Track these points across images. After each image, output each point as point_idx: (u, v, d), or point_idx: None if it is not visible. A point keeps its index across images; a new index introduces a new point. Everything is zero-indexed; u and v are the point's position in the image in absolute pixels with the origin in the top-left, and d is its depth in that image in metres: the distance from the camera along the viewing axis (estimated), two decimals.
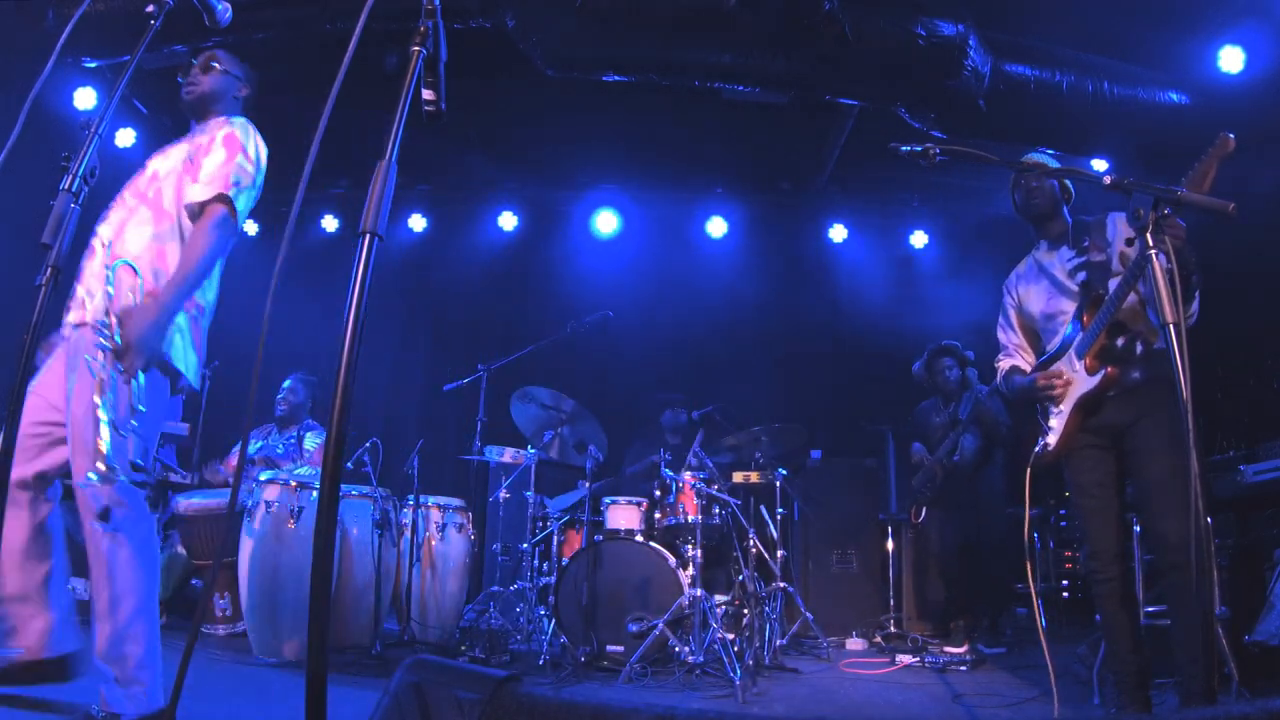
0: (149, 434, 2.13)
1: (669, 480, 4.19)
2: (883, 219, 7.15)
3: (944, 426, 4.96)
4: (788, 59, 4.51)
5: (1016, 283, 2.94)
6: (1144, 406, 2.50)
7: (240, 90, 2.54)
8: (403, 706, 1.31)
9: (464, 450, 4.84)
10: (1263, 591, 3.07)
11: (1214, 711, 1.23)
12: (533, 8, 4.37)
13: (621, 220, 7.05)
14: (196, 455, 4.92)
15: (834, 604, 5.13)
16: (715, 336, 7.04)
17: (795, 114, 5.67)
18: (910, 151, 2.13)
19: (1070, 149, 5.06)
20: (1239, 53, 4.53)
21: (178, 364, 2.20)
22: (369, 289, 1.26)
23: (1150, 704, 2.54)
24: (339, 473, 1.25)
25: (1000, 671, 3.98)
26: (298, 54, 5.42)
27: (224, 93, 2.47)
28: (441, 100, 1.55)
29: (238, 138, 2.32)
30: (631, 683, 3.42)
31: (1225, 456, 3.64)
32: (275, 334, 1.40)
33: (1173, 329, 1.74)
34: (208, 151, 2.29)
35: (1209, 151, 2.07)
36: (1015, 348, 2.95)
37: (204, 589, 4.24)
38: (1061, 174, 2.71)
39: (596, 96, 5.45)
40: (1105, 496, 2.60)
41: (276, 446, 4.72)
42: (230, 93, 2.51)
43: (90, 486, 1.93)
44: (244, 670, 3.24)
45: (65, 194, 1.64)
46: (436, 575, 4.21)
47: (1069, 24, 4.81)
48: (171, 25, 1.86)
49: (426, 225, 7.28)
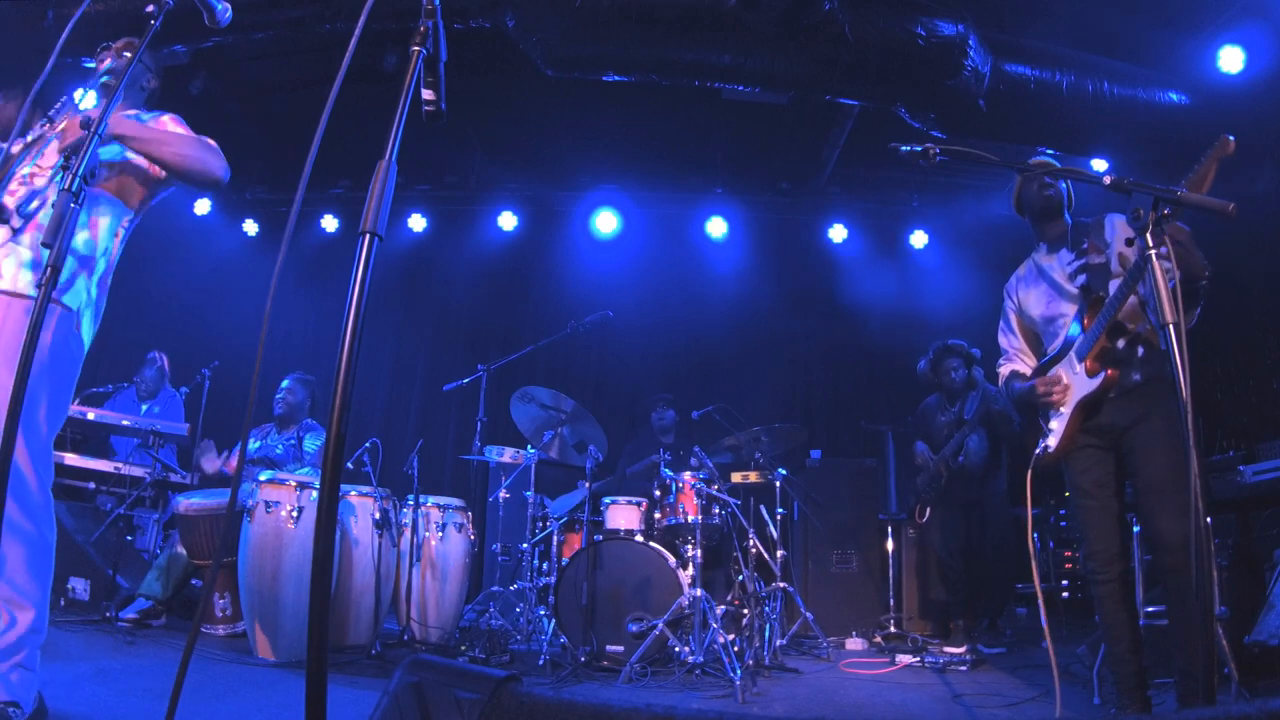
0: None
1: (669, 480, 4.19)
2: (883, 219, 7.16)
3: (949, 426, 4.95)
4: (788, 59, 4.52)
5: (1017, 286, 2.94)
6: (1144, 407, 2.50)
7: (149, 81, 2.51)
8: (402, 706, 1.31)
9: (464, 450, 4.85)
10: (1262, 591, 3.07)
11: (1214, 711, 1.23)
12: (533, 8, 4.37)
13: (621, 220, 7.05)
14: (196, 456, 4.92)
15: (834, 604, 5.13)
16: (715, 336, 7.04)
17: (795, 114, 5.67)
18: (910, 151, 2.13)
19: (1070, 149, 5.06)
20: (1239, 53, 4.53)
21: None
22: (369, 289, 1.26)
23: (1150, 704, 2.54)
24: (339, 473, 1.24)
25: (1000, 671, 3.98)
26: (298, 54, 5.44)
27: (132, 81, 2.43)
28: (441, 100, 1.55)
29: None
30: (631, 683, 3.42)
31: (1225, 456, 3.63)
32: (275, 334, 1.40)
33: (1172, 329, 1.74)
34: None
35: (1209, 152, 2.06)
36: (1016, 352, 2.95)
37: (204, 589, 4.24)
38: (1064, 174, 2.71)
39: (596, 96, 5.46)
40: (1104, 497, 2.60)
41: (276, 447, 4.72)
42: (138, 82, 2.47)
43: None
44: (244, 670, 3.24)
45: (65, 194, 1.63)
46: (436, 575, 4.22)
47: (1069, 24, 4.82)
48: (171, 25, 1.86)
49: (426, 225, 7.29)
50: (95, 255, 2.24)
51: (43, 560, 2.04)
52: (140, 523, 4.70)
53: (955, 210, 6.87)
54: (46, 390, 2.07)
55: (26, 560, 1.99)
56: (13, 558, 1.97)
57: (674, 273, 7.20)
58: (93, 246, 2.23)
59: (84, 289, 2.20)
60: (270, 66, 5.67)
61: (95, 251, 2.24)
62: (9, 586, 1.97)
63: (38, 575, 2.02)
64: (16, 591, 1.97)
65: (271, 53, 5.38)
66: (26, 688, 1.98)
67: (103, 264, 2.27)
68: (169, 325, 6.25)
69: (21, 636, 1.96)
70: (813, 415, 7.10)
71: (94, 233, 2.24)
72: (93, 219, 2.23)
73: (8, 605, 1.96)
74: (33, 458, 2.01)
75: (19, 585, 1.98)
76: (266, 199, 7.30)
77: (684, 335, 7.12)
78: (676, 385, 6.06)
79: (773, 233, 7.25)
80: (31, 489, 2.01)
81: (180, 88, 5.23)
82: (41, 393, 2.05)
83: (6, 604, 1.96)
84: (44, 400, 2.07)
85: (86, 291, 2.21)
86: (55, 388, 2.12)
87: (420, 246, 7.37)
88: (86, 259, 2.21)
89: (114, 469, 4.59)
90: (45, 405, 2.08)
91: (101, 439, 4.83)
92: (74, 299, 2.17)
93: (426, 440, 4.84)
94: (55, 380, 2.12)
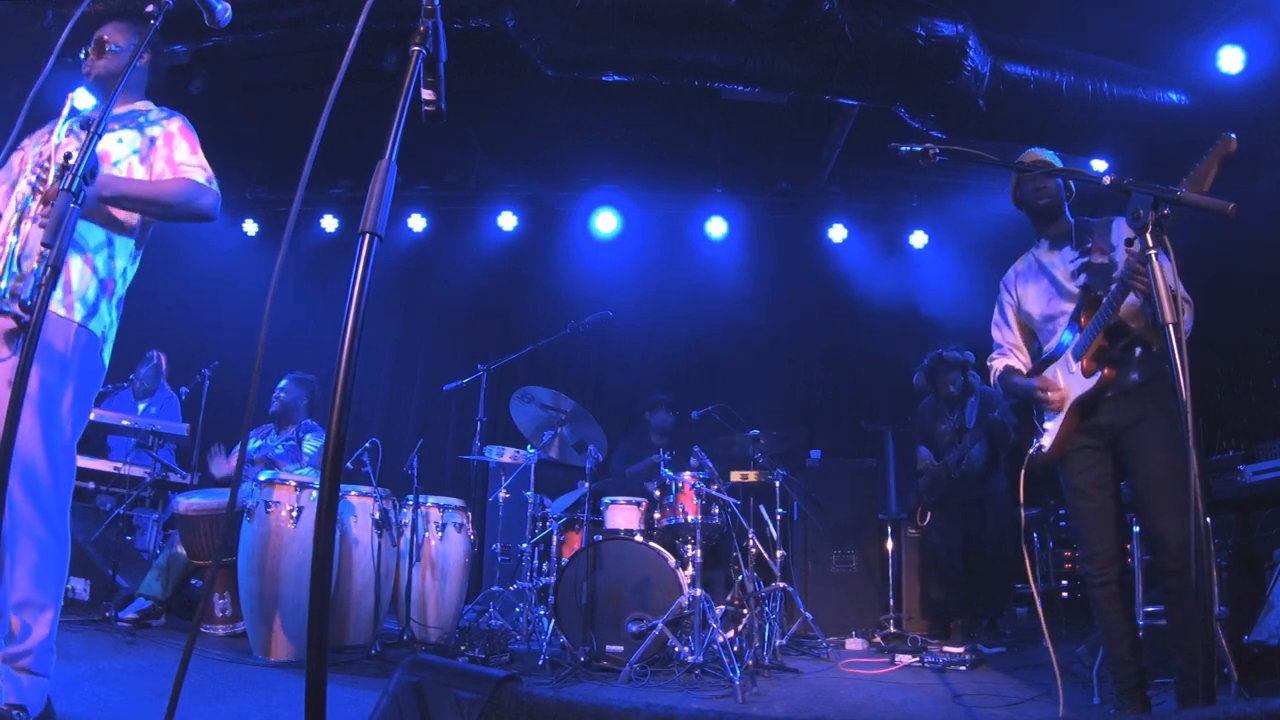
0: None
1: (668, 480, 4.19)
2: (883, 219, 7.16)
3: (951, 434, 4.94)
4: (788, 59, 4.52)
5: (1016, 280, 2.91)
6: (1144, 407, 2.50)
7: (141, 59, 2.51)
8: (402, 706, 1.31)
9: (464, 450, 4.84)
10: (1262, 591, 3.07)
11: (1214, 711, 1.23)
12: (533, 8, 4.37)
13: (621, 220, 7.05)
14: (196, 455, 4.92)
15: (833, 604, 5.13)
16: (715, 336, 7.04)
17: (795, 114, 5.67)
18: (910, 151, 2.13)
19: (1070, 149, 5.04)
20: (1239, 53, 4.53)
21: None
22: (369, 289, 1.26)
23: (1149, 704, 2.54)
24: (339, 473, 1.24)
25: (1000, 671, 3.98)
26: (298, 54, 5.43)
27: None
28: (441, 100, 1.55)
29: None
30: (631, 683, 3.42)
31: (1225, 456, 3.63)
32: (275, 334, 1.40)
33: (1171, 329, 1.74)
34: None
35: (1210, 151, 2.06)
36: (1010, 347, 2.92)
37: (204, 589, 4.24)
38: (1062, 174, 2.71)
39: (596, 96, 5.46)
40: (1102, 498, 2.60)
41: (275, 447, 4.72)
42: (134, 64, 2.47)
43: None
44: (244, 670, 3.24)
45: (65, 194, 1.63)
46: (436, 575, 4.21)
47: (1069, 24, 4.81)
48: (171, 25, 1.86)
49: (426, 225, 7.29)
50: (115, 276, 2.24)
51: (55, 565, 2.04)
52: (140, 523, 4.70)
53: (955, 210, 6.87)
54: (71, 400, 2.08)
55: (38, 565, 1.98)
56: (25, 562, 1.96)
57: (674, 273, 7.19)
58: (112, 269, 2.23)
59: (106, 313, 2.22)
60: (270, 66, 5.67)
61: (115, 273, 2.24)
62: (19, 591, 1.96)
63: (49, 580, 2.01)
64: (26, 596, 1.96)
65: (271, 53, 5.37)
66: (36, 692, 1.97)
67: (121, 286, 2.28)
68: (169, 325, 6.25)
69: (30, 642, 1.95)
70: (813, 415, 7.10)
71: (113, 252, 2.24)
72: (111, 239, 2.23)
73: (19, 611, 1.95)
74: (50, 461, 2.00)
75: (29, 590, 1.97)
76: (266, 199, 7.30)
77: (684, 335, 7.12)
78: (676, 385, 6.06)
79: (773, 233, 7.25)
80: (48, 492, 2.00)
81: (180, 88, 5.22)
82: (65, 400, 2.06)
83: (17, 609, 1.95)
84: (68, 409, 2.07)
85: (108, 315, 2.23)
86: (78, 402, 2.12)
87: (420, 246, 7.38)
88: (106, 282, 2.21)
89: (114, 469, 4.59)
90: (70, 414, 2.08)
91: (99, 439, 4.83)
92: (99, 324, 2.18)
93: (426, 440, 4.84)
94: (79, 395, 2.12)
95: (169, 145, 2.32)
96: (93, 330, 2.16)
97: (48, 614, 1.99)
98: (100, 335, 2.19)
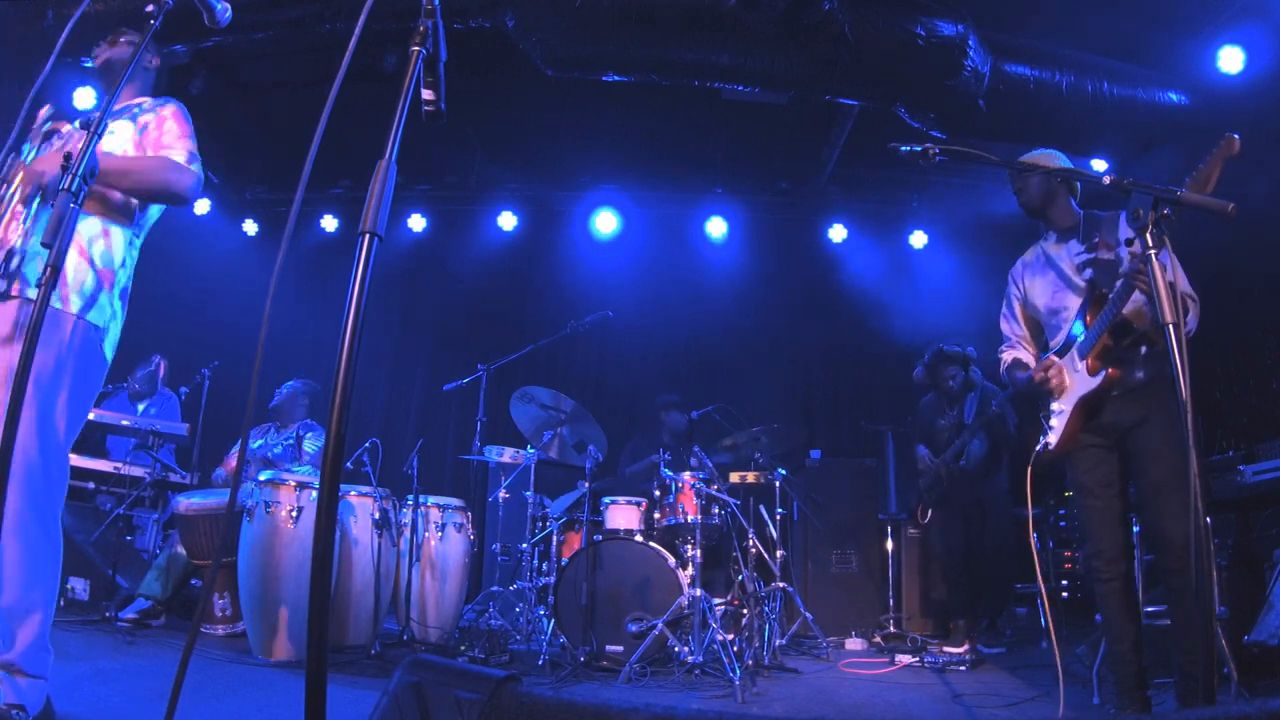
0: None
1: (668, 480, 4.19)
2: (883, 219, 7.15)
3: (950, 429, 4.95)
4: (788, 59, 4.52)
5: (1023, 272, 2.91)
6: (1148, 407, 2.49)
7: (150, 60, 2.50)
8: (402, 706, 1.31)
9: (464, 450, 4.84)
10: (1262, 591, 3.07)
11: (1214, 711, 1.23)
12: (533, 8, 4.37)
13: (621, 220, 7.04)
14: (196, 455, 4.92)
15: (833, 604, 5.13)
16: (715, 336, 7.04)
17: (795, 114, 5.67)
18: (910, 151, 2.13)
19: (1070, 149, 5.03)
20: (1239, 53, 4.53)
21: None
22: (369, 289, 1.26)
23: (1150, 704, 2.54)
24: (339, 473, 1.24)
25: (1000, 671, 3.98)
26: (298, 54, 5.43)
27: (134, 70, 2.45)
28: (441, 100, 1.55)
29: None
30: (631, 683, 3.42)
31: (1225, 456, 3.63)
32: (275, 334, 1.40)
33: (1171, 329, 1.74)
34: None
35: (1213, 152, 2.06)
36: (1019, 339, 2.92)
37: (204, 589, 4.24)
38: (1060, 174, 2.71)
39: (596, 96, 5.45)
40: (1108, 497, 2.60)
41: (275, 446, 4.72)
42: (140, 63, 2.45)
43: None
44: (244, 670, 3.24)
45: (65, 194, 1.63)
46: (436, 575, 4.21)
47: (1069, 24, 4.81)
48: (171, 25, 1.86)
49: (426, 225, 7.29)
50: (115, 267, 2.21)
51: (48, 564, 2.02)
52: (140, 523, 4.70)
53: (955, 210, 6.87)
54: (67, 395, 2.05)
55: (29, 563, 1.96)
56: (14, 560, 1.94)
57: (674, 273, 7.19)
58: (110, 259, 2.20)
59: (107, 304, 2.18)
60: (270, 66, 5.67)
61: (114, 264, 2.21)
62: (11, 590, 1.94)
63: (41, 579, 2.00)
64: (16, 596, 1.95)
65: (271, 53, 5.37)
66: (35, 692, 1.97)
67: (123, 276, 2.25)
68: (168, 325, 6.24)
69: (18, 646, 1.94)
70: (813, 415, 7.10)
71: (109, 242, 2.21)
72: (106, 228, 2.20)
73: (8, 613, 1.94)
74: (44, 459, 1.98)
75: (18, 590, 1.95)
76: (266, 199, 7.30)
77: (684, 335, 7.12)
78: (676, 385, 6.05)
79: (772, 233, 7.25)
80: (40, 487, 1.98)
81: (180, 88, 5.22)
82: (61, 395, 2.03)
83: (8, 610, 1.94)
84: (64, 404, 2.04)
85: (110, 306, 2.20)
86: (75, 397, 2.08)
87: (420, 246, 7.37)
88: (104, 272, 2.18)
89: (113, 469, 4.59)
90: (65, 410, 2.05)
91: (97, 440, 4.83)
92: (99, 315, 2.15)
93: (426, 440, 4.84)
94: (76, 390, 2.09)
95: (159, 128, 2.31)
96: (92, 322, 2.12)
97: (35, 616, 1.97)
98: (101, 327, 2.16)
